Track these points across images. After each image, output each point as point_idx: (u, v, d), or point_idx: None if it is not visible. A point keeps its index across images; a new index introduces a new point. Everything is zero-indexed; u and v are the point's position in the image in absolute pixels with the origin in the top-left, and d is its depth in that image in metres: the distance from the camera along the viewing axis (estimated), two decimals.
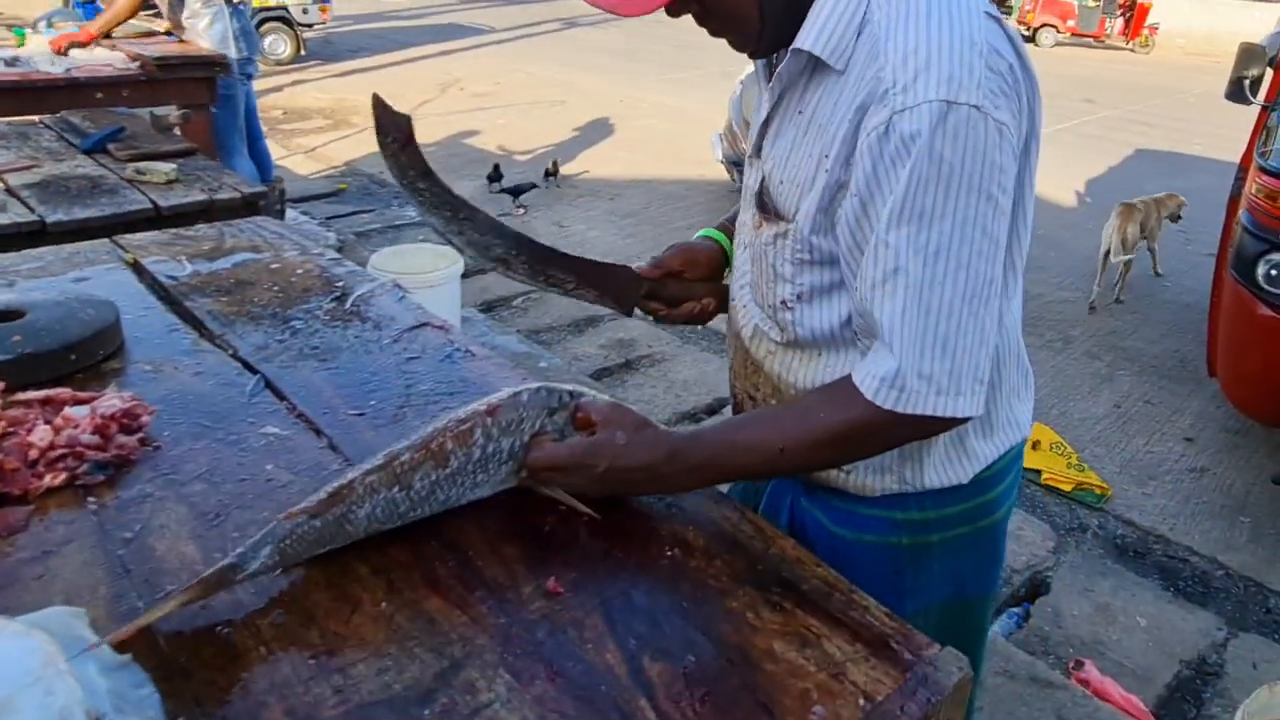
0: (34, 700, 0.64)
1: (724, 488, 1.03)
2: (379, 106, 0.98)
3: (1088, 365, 4.19)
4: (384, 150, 0.99)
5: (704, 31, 0.92)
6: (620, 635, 0.77)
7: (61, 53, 3.67)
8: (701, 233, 1.21)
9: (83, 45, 3.69)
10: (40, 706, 0.62)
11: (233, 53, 4.16)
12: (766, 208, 0.95)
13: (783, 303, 0.96)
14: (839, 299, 0.94)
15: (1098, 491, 3.17)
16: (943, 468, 1.01)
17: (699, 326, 1.22)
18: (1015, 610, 2.57)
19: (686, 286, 1.16)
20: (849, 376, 0.89)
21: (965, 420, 0.87)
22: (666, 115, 8.58)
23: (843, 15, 0.83)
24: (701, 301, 1.16)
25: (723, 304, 1.17)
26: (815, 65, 0.87)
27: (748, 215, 1.02)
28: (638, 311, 1.17)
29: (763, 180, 0.96)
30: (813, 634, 0.79)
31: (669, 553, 0.89)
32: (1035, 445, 3.36)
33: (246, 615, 0.78)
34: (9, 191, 2.24)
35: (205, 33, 4.12)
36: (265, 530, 0.80)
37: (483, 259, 1.09)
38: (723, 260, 1.19)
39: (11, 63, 3.46)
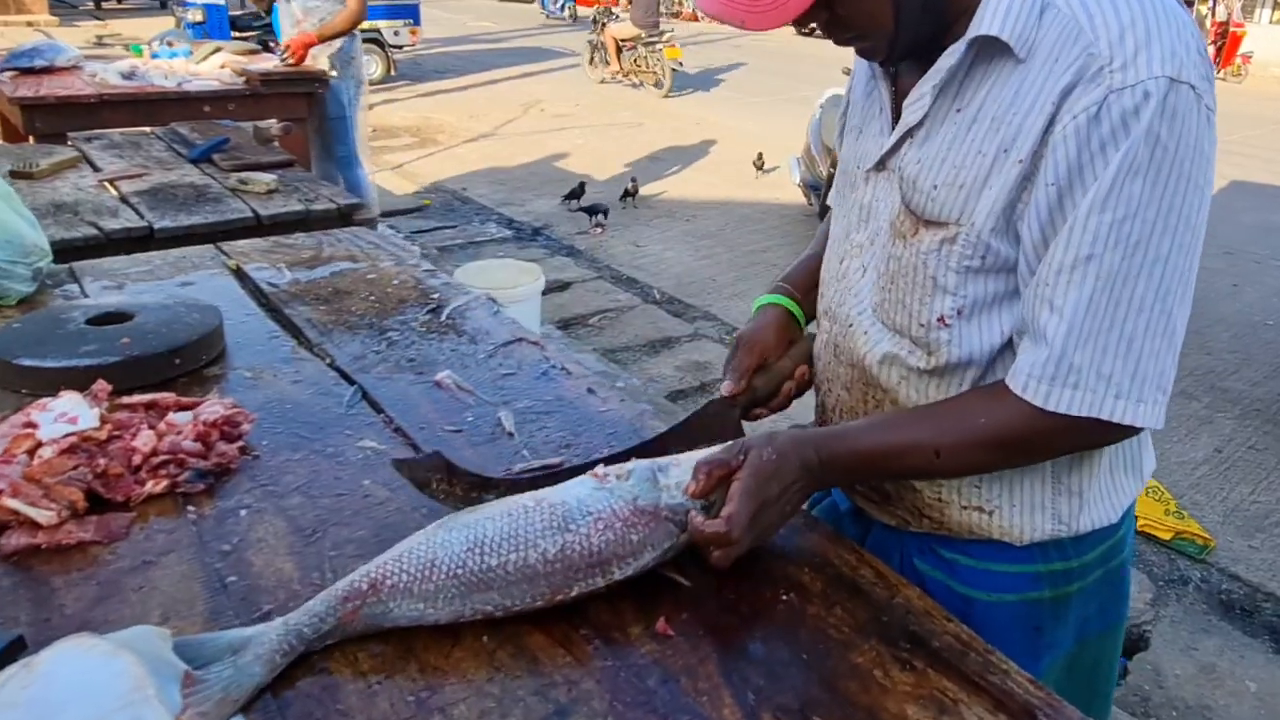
0: None
1: None
2: (403, 469, 0.90)
3: (1184, 406, 3.95)
4: (438, 497, 0.89)
5: (782, 56, 0.87)
6: (736, 687, 0.72)
7: (293, 53, 4.02)
8: (758, 303, 1.14)
9: (313, 45, 4.07)
10: None
11: (360, 72, 4.39)
12: (919, 215, 0.88)
13: (940, 320, 0.88)
14: (1001, 314, 0.86)
15: (1199, 542, 2.96)
16: (1100, 504, 0.93)
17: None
18: None
19: (773, 372, 1.08)
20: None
21: (1139, 431, 0.80)
22: (744, 138, 8.53)
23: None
24: (795, 375, 1.08)
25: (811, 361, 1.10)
26: (977, 59, 0.82)
27: (879, 227, 0.94)
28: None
29: (902, 190, 0.89)
30: (949, 699, 0.72)
31: (784, 596, 0.83)
32: None
33: (344, 644, 0.75)
34: (121, 198, 2.33)
35: (339, 50, 4.29)
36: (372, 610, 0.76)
37: None
38: (792, 320, 1.12)
39: (129, 76, 3.62)
